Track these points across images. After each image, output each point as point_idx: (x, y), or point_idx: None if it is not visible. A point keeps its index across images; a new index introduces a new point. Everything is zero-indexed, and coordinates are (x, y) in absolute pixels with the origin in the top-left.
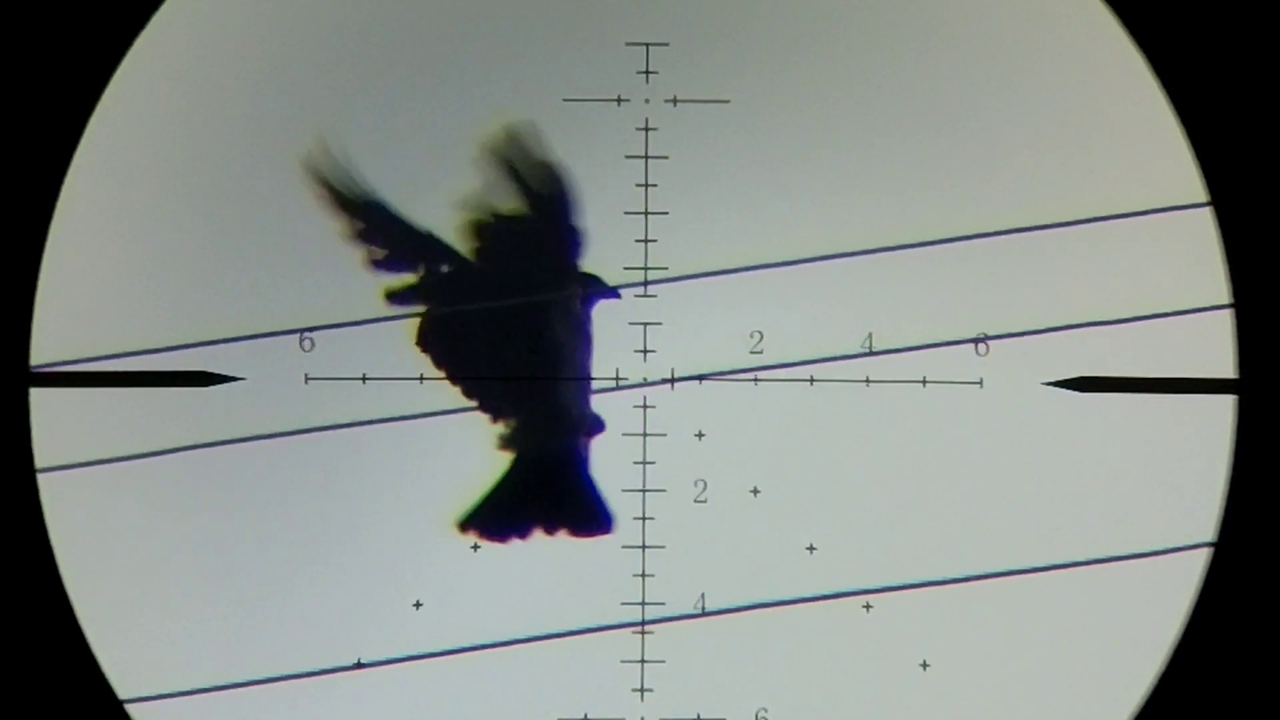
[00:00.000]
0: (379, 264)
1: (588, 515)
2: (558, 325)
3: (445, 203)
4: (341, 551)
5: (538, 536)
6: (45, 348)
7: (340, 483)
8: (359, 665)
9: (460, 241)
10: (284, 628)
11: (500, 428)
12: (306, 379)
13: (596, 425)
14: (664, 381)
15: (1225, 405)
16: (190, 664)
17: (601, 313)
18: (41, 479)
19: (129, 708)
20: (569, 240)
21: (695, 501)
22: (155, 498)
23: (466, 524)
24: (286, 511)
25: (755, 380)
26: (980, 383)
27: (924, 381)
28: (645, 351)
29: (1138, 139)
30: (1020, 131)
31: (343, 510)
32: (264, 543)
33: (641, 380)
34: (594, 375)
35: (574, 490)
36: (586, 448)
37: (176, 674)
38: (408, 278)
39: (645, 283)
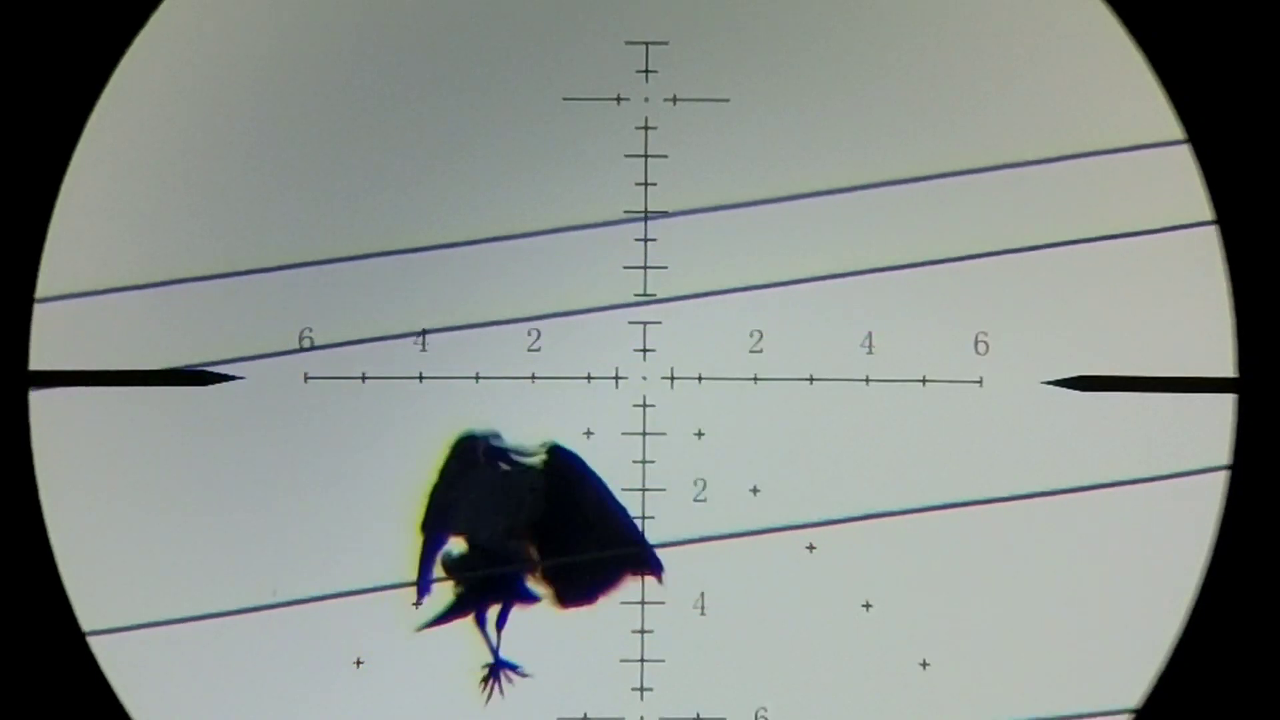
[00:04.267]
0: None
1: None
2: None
3: (441, 197)
4: (341, 551)
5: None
6: (45, 347)
7: (340, 481)
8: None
9: None
10: (284, 628)
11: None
12: (305, 378)
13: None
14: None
15: (1225, 405)
16: (190, 665)
17: (602, 311)
18: (41, 478)
19: (131, 712)
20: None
21: (695, 501)
22: (154, 497)
23: None
24: (285, 511)
25: (755, 380)
26: (980, 382)
27: (924, 381)
28: (645, 350)
29: (1138, 139)
30: (1020, 131)
31: (343, 509)
32: (263, 542)
33: (641, 379)
34: (593, 374)
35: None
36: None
37: (177, 675)
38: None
39: (644, 281)
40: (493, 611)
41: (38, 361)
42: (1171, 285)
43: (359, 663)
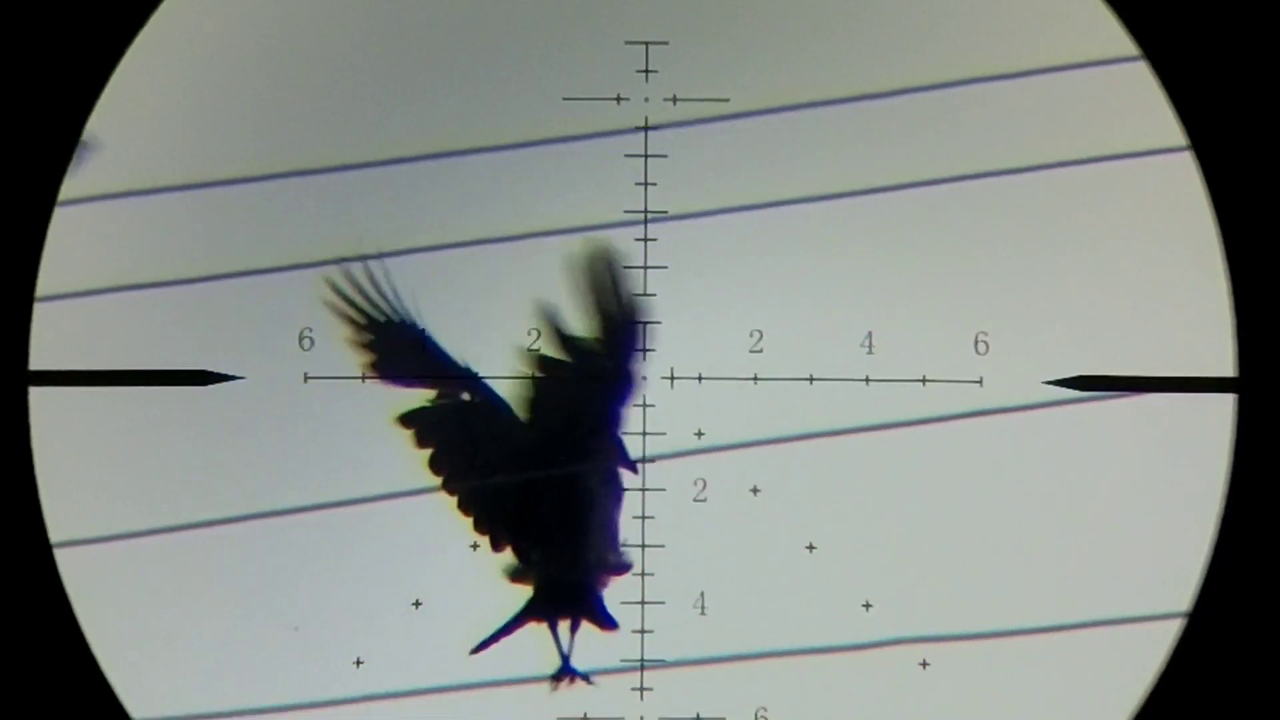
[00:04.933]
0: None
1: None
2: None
3: (442, 199)
4: (342, 551)
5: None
6: (45, 347)
7: (340, 481)
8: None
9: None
10: (284, 628)
11: (509, 558)
12: (305, 378)
13: (622, 567)
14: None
15: (1225, 405)
16: (191, 669)
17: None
18: (41, 478)
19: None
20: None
21: (695, 501)
22: (154, 497)
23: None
24: (285, 510)
25: (755, 380)
26: (980, 382)
27: (924, 381)
28: (645, 350)
29: (1139, 139)
30: (1020, 131)
31: (343, 509)
32: (264, 543)
33: (641, 379)
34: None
35: (586, 612)
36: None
37: (177, 679)
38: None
39: (645, 281)
40: (565, 620)
41: (38, 361)
42: (1172, 285)
43: (359, 663)
